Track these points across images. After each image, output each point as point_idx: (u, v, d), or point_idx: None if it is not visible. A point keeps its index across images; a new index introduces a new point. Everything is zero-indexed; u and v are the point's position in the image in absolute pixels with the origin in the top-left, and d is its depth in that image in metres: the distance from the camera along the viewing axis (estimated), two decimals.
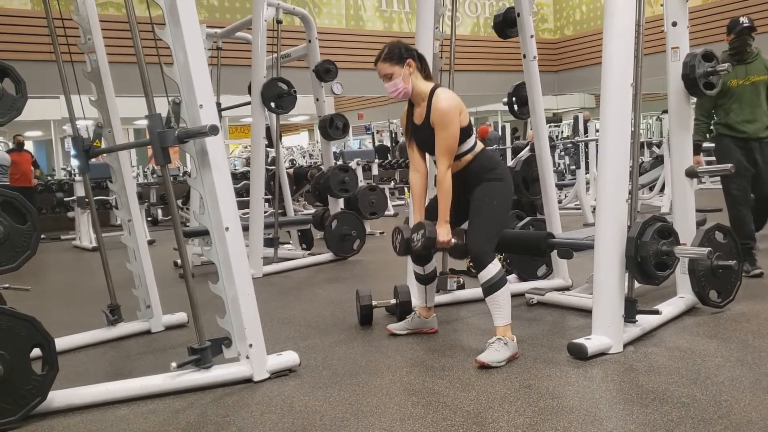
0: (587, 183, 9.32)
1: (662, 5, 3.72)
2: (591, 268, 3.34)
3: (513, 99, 4.51)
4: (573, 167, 10.97)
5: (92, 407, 2.73)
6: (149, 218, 11.32)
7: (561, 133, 18.98)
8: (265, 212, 6.50)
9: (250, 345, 2.92)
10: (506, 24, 4.40)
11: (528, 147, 6.50)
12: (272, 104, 5.77)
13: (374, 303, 3.84)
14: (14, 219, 2.68)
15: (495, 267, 3.06)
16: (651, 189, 9.39)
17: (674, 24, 3.66)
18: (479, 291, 3.19)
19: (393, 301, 3.92)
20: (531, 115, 4.42)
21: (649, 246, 3.09)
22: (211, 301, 3.14)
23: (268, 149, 7.40)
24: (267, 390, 2.84)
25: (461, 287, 4.28)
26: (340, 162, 8.91)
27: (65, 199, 10.69)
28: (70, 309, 5.00)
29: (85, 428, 2.56)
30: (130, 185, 3.87)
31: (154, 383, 2.85)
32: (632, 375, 2.78)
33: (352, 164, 9.06)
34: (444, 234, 3.15)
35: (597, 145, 4.90)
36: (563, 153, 12.18)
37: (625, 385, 2.67)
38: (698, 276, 3.59)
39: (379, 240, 7.84)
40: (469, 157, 3.21)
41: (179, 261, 4.50)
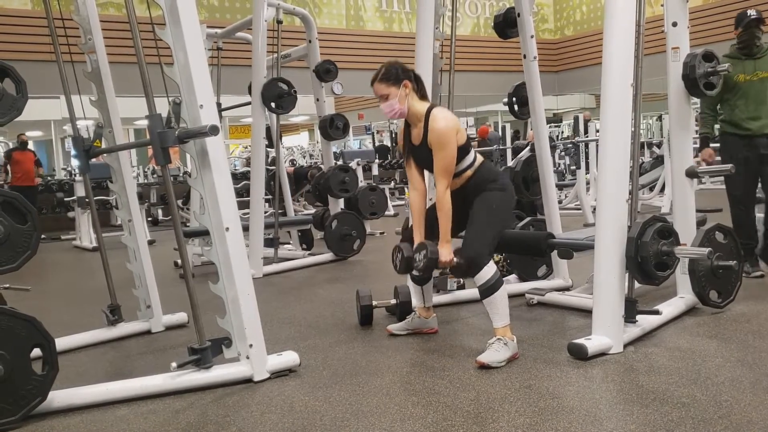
0: (587, 183, 9.32)
1: (662, 5, 3.72)
2: (591, 269, 3.34)
3: (513, 99, 4.52)
4: (573, 167, 10.97)
5: (92, 407, 2.73)
6: (149, 218, 11.32)
7: (561, 134, 18.98)
8: (266, 212, 6.50)
9: (251, 345, 2.92)
10: (506, 24, 4.41)
11: (528, 147, 6.50)
12: (272, 104, 5.77)
13: (374, 303, 3.84)
14: (14, 219, 2.68)
15: (491, 269, 3.06)
16: (651, 189, 9.39)
17: (674, 24, 3.67)
18: None
19: (393, 302, 3.93)
20: (531, 116, 4.42)
21: (650, 246, 3.09)
22: (212, 301, 3.14)
23: (269, 149, 7.40)
24: (267, 390, 2.84)
25: (461, 287, 4.28)
26: (341, 162, 8.91)
27: (65, 199, 10.68)
28: (71, 309, 5.00)
29: (86, 428, 2.56)
30: (131, 185, 3.88)
31: (155, 383, 2.85)
32: (632, 375, 2.78)
33: (353, 164, 9.06)
34: (446, 254, 3.16)
35: (597, 146, 4.90)
36: (563, 153, 12.16)
37: (626, 386, 2.67)
38: (698, 276, 3.59)
39: (380, 240, 7.84)
40: (470, 173, 3.23)
41: (179, 261, 4.50)
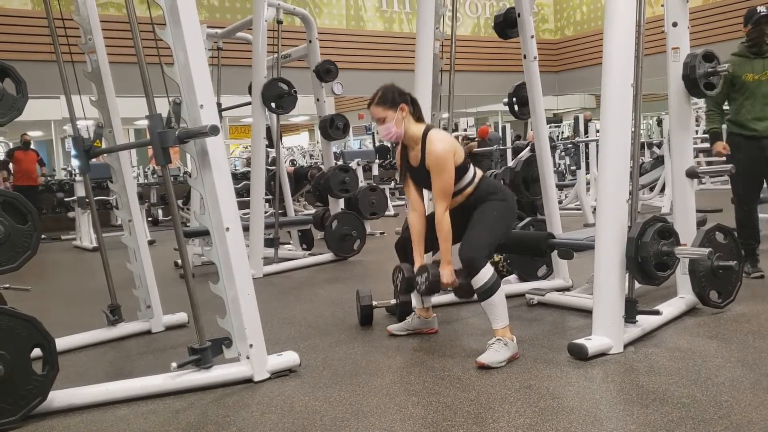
0: (587, 183, 9.32)
1: (663, 6, 3.72)
2: (591, 269, 3.34)
3: (513, 99, 4.52)
4: (573, 168, 10.97)
5: (92, 407, 2.73)
6: (150, 218, 11.32)
7: (561, 134, 18.98)
8: (266, 212, 6.50)
9: (251, 345, 2.92)
10: (507, 24, 4.40)
11: (528, 147, 6.49)
12: (273, 104, 5.77)
13: (374, 303, 3.84)
14: (15, 219, 2.68)
15: (488, 272, 3.06)
16: (651, 189, 9.39)
17: (675, 24, 3.66)
18: None
19: (393, 302, 3.92)
20: (531, 116, 4.42)
21: (650, 246, 3.09)
22: (212, 301, 3.14)
23: (269, 149, 7.40)
24: (267, 390, 2.84)
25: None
26: (341, 162, 8.91)
27: (66, 200, 10.68)
28: (71, 309, 5.00)
29: (86, 428, 2.56)
30: (131, 185, 3.88)
31: (155, 383, 2.85)
32: (633, 375, 2.77)
33: (353, 164, 9.06)
34: (448, 276, 3.18)
35: (597, 146, 4.90)
36: (563, 153, 12.16)
37: (626, 386, 2.67)
38: (699, 276, 3.59)
39: (380, 240, 7.84)
40: (470, 190, 3.25)
41: (180, 261, 4.50)
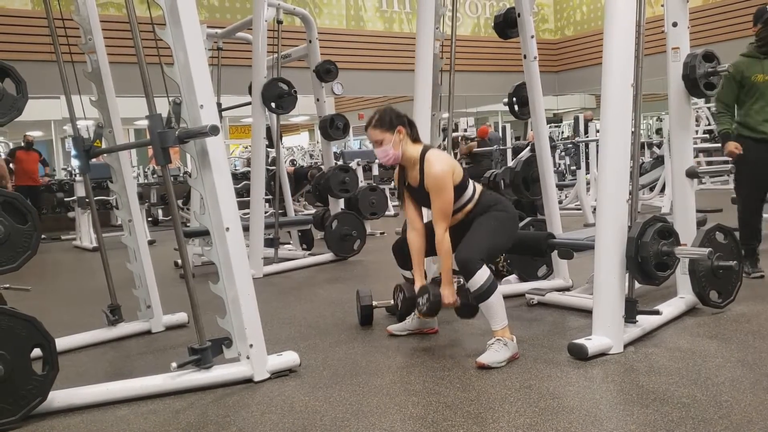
0: (587, 183, 9.32)
1: (663, 6, 3.72)
2: (591, 269, 3.33)
3: (513, 99, 4.52)
4: (573, 167, 10.97)
5: (92, 407, 2.73)
6: (150, 218, 11.32)
7: (561, 134, 18.97)
8: (266, 212, 6.50)
9: (251, 345, 2.92)
10: (507, 24, 4.40)
11: (528, 147, 6.50)
12: (273, 104, 5.77)
13: (374, 303, 3.84)
14: (15, 219, 2.68)
15: (484, 273, 3.04)
16: (651, 189, 9.39)
17: (675, 24, 3.66)
18: None
19: (393, 302, 3.92)
20: (531, 116, 4.42)
21: (650, 246, 3.09)
22: (212, 301, 3.14)
23: (269, 149, 7.40)
24: (267, 390, 2.84)
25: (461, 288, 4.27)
26: (341, 162, 8.90)
27: (66, 200, 10.69)
28: (71, 309, 5.00)
29: (86, 428, 2.56)
30: (131, 185, 3.88)
31: (155, 383, 2.85)
32: (633, 375, 2.77)
33: (353, 164, 9.07)
34: (449, 295, 3.19)
35: (597, 146, 4.90)
36: (563, 153, 12.17)
37: (626, 386, 2.67)
38: (699, 276, 3.59)
39: (380, 240, 7.84)
40: (471, 206, 3.27)
41: (180, 261, 4.50)
